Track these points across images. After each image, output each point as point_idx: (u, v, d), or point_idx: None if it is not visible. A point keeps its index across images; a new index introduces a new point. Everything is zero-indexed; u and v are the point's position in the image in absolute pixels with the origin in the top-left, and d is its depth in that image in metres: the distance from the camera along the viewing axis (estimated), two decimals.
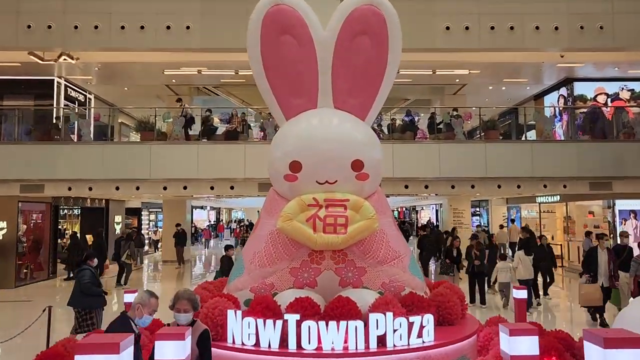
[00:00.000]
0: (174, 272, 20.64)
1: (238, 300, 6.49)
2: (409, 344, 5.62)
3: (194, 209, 41.77)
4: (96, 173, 15.37)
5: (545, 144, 15.80)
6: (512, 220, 25.11)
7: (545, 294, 12.46)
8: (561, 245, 21.55)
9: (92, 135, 16.76)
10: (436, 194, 20.66)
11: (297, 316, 5.55)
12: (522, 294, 7.83)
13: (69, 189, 15.58)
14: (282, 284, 6.53)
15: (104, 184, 15.59)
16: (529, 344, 3.16)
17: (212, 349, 5.60)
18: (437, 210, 38.78)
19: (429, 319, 5.78)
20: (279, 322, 5.56)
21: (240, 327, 5.67)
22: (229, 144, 15.92)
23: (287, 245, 6.58)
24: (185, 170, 15.52)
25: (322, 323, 5.53)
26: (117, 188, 15.63)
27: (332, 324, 5.51)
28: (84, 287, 8.29)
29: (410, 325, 5.65)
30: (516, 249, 16.95)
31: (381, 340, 5.59)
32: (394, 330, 5.58)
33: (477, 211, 30.88)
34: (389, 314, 5.61)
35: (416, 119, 16.72)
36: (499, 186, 15.78)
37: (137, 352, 3.76)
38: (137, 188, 15.66)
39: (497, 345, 6.49)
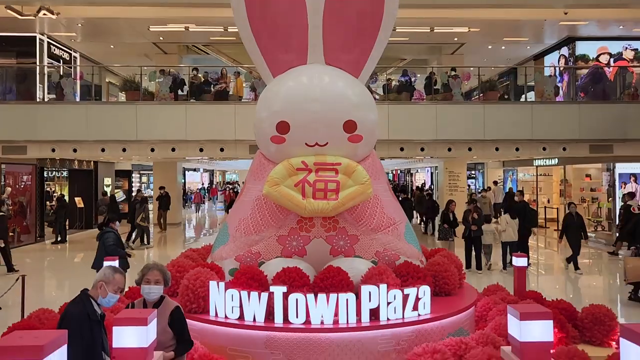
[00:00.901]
0: (156, 237, 20.18)
1: (222, 270, 6.11)
2: (403, 318, 5.27)
3: (186, 171, 41.29)
4: (81, 134, 14.81)
5: (545, 105, 15.31)
6: (495, 183, 25.28)
7: (577, 268, 11.71)
8: (557, 208, 21.28)
9: (78, 96, 16.09)
10: (432, 157, 20.21)
11: (284, 288, 5.17)
12: (522, 261, 7.49)
13: (53, 150, 15.04)
14: (269, 253, 6.15)
15: (89, 145, 15.04)
16: (542, 329, 2.78)
17: (194, 322, 5.27)
18: (431, 173, 38.44)
19: (425, 290, 5.42)
20: (265, 295, 5.19)
21: (223, 300, 5.30)
22: (219, 104, 15.32)
23: (274, 211, 6.16)
24: (174, 132, 14.98)
25: (310, 296, 5.15)
26: (103, 150, 15.10)
27: (322, 296, 5.14)
28: (108, 249, 8.26)
29: (405, 298, 5.29)
30: (502, 211, 16.63)
31: (374, 313, 5.24)
32: (388, 303, 5.23)
33: (472, 174, 30.54)
34: (383, 286, 5.24)
35: (413, 79, 16.09)
36: (497, 149, 15.37)
37: (103, 335, 3.36)
38: (124, 150, 15.14)
39: (495, 315, 6.18)
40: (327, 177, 5.99)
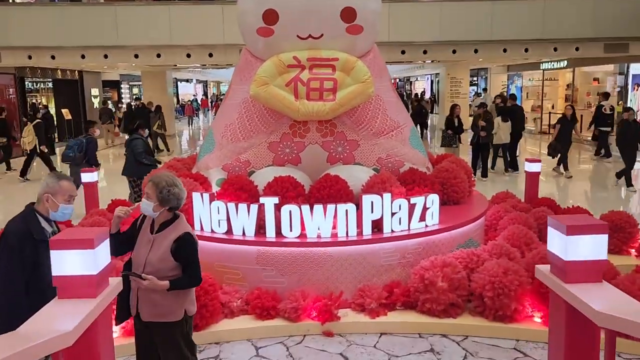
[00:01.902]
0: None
1: (208, 180, 5.54)
2: (409, 229, 4.76)
3: (178, 82, 39.81)
4: (58, 39, 13.75)
5: (558, 1, 14.09)
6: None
7: (629, 185, 10.33)
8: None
9: None
10: (433, 61, 19.16)
11: (276, 199, 4.60)
12: (535, 166, 6.92)
13: (29, 57, 14.06)
14: (260, 161, 5.55)
15: (67, 51, 14.04)
16: (596, 246, 2.22)
17: None
18: (431, 81, 37.25)
19: (433, 199, 4.87)
20: (254, 207, 4.63)
21: (208, 213, 4.75)
22: (205, 4, 14.12)
23: (264, 115, 5.49)
24: (158, 36, 13.91)
25: (306, 207, 4.60)
26: (83, 56, 14.11)
27: (318, 207, 4.59)
28: (137, 155, 8.02)
29: (412, 208, 4.75)
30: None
31: (377, 225, 4.72)
32: (392, 214, 4.69)
33: (474, 80, 29.47)
34: (387, 195, 4.67)
35: None
36: (505, 50, 14.41)
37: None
38: (106, 56, 14.15)
39: (507, 224, 5.70)
40: (322, 75, 5.26)
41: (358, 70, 5.26)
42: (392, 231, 4.70)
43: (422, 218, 4.82)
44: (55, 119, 20.63)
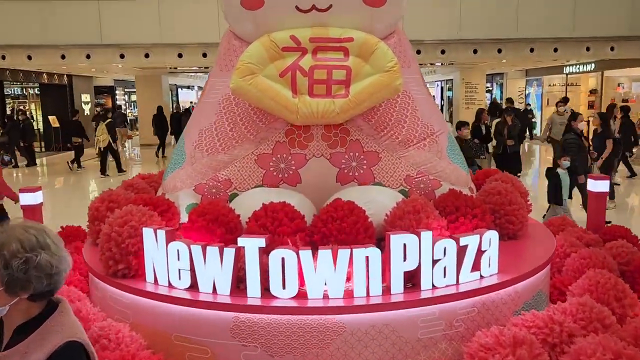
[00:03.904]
0: (151, 157, 17.99)
1: (175, 207, 4.05)
2: (458, 284, 3.25)
3: (179, 89, 38.38)
4: (35, 37, 12.41)
5: None
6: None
7: None
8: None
9: None
10: (452, 63, 17.71)
11: (262, 240, 3.11)
12: (603, 185, 5.39)
13: (3, 57, 12.70)
14: (245, 180, 4.07)
15: (45, 51, 12.68)
16: None
17: (122, 293, 3.28)
18: (442, 88, 35.69)
19: (491, 238, 3.37)
20: (229, 251, 3.13)
21: (164, 258, 3.26)
22: None
23: (251, 117, 4.02)
24: (146, 33, 12.54)
25: (305, 252, 3.10)
26: (63, 57, 12.76)
27: (325, 252, 3.09)
28: None
29: (462, 251, 3.24)
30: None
31: (411, 278, 3.21)
32: (434, 262, 3.18)
33: (489, 87, 27.92)
34: (426, 233, 3.17)
35: None
36: (532, 50, 12.93)
37: None
38: (88, 57, 12.76)
39: (579, 266, 4.19)
40: (331, 61, 3.80)
41: (380, 55, 3.78)
42: (434, 287, 3.19)
43: (476, 267, 3.31)
44: (41, 126, 19.34)
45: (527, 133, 18.67)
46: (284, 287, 3.07)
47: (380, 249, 3.18)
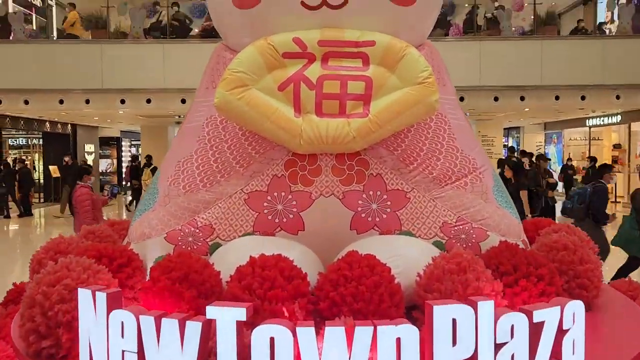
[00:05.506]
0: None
1: (139, 260, 3.07)
2: None
3: None
4: (32, 81, 11.91)
5: (621, 40, 11.94)
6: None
7: None
8: (615, 177, 17.94)
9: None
10: (468, 113, 16.95)
11: (241, 311, 2.11)
12: None
13: None
14: (231, 226, 3.11)
15: (43, 95, 12.15)
16: None
17: None
18: None
19: (575, 311, 2.34)
20: (194, 325, 2.13)
21: (104, 333, 2.26)
22: (206, 42, 12.17)
23: (241, 144, 3.12)
24: (149, 78, 11.97)
25: (306, 329, 2.09)
26: (61, 101, 12.20)
27: (335, 330, 2.08)
28: None
29: (537, 331, 2.21)
30: None
31: None
32: (497, 346, 2.15)
33: (505, 143, 27.17)
34: (485, 304, 2.15)
35: (449, 8, 12.83)
36: (557, 97, 12.15)
37: None
38: (87, 102, 12.17)
39: None
40: (346, 70, 2.92)
41: (410, 63, 2.90)
42: None
43: (557, 354, 2.27)
44: (40, 176, 18.71)
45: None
46: None
47: (414, 325, 2.17)
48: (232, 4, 3.10)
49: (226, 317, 2.09)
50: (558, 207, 10.25)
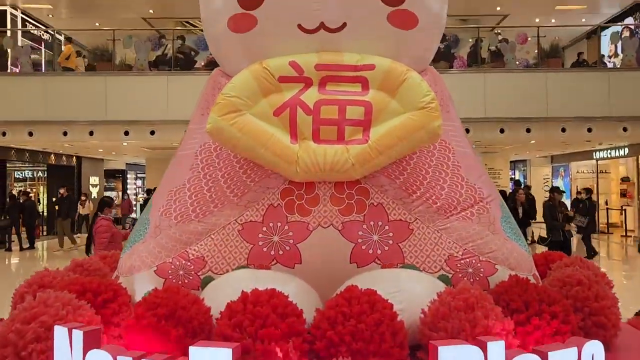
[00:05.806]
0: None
1: (126, 295, 2.90)
2: None
3: None
4: (37, 113, 11.89)
5: (628, 72, 11.87)
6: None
7: None
8: (624, 210, 17.65)
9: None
10: (475, 145, 16.83)
11: (227, 353, 1.93)
12: None
13: (4, 134, 12.11)
14: (224, 259, 2.94)
15: (47, 127, 12.14)
16: None
17: None
18: None
19: (594, 353, 2.14)
20: None
21: None
22: (208, 73, 12.20)
23: (235, 172, 2.98)
24: (153, 110, 11.95)
25: None
26: (65, 133, 12.17)
27: None
28: None
29: None
30: None
31: None
32: None
33: (511, 176, 26.97)
34: (495, 344, 1.97)
35: (452, 42, 12.87)
36: (564, 130, 12.02)
37: None
38: (91, 133, 12.13)
39: None
40: (344, 95, 2.79)
41: (412, 87, 2.78)
42: None
43: None
44: (44, 208, 18.63)
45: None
46: None
47: None
48: (228, 28, 3.01)
49: (212, 357, 1.91)
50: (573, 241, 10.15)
